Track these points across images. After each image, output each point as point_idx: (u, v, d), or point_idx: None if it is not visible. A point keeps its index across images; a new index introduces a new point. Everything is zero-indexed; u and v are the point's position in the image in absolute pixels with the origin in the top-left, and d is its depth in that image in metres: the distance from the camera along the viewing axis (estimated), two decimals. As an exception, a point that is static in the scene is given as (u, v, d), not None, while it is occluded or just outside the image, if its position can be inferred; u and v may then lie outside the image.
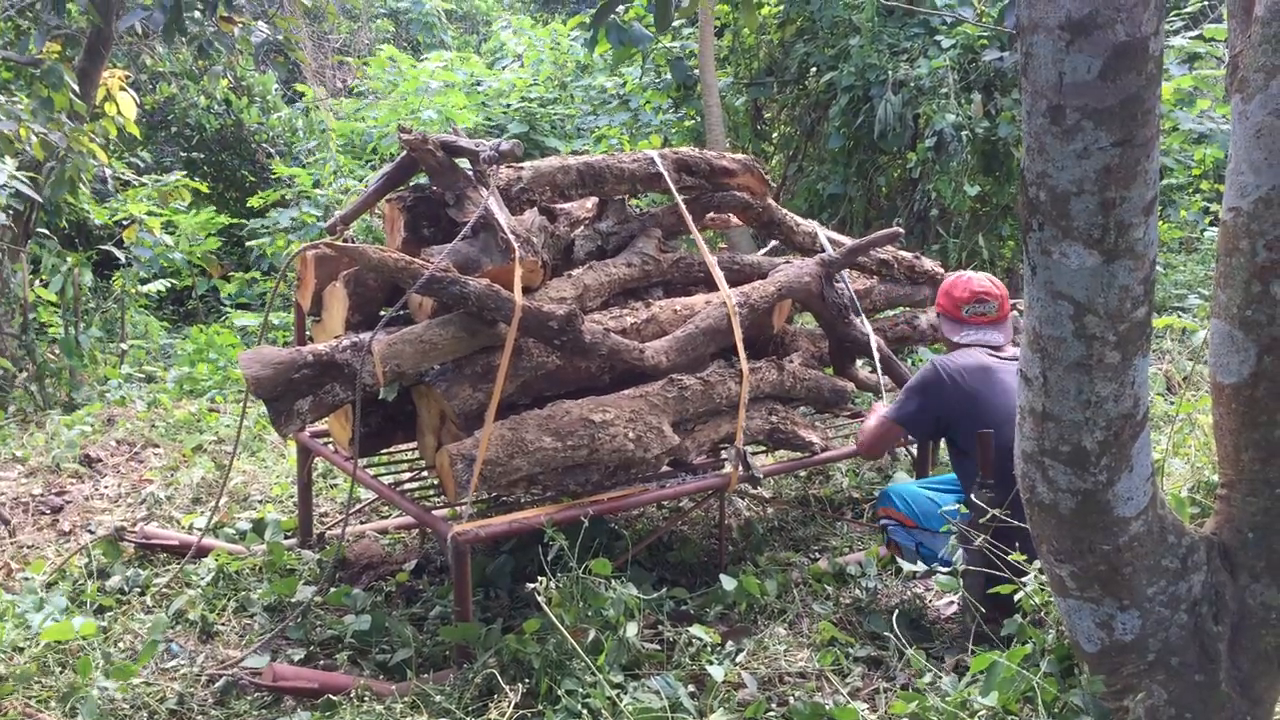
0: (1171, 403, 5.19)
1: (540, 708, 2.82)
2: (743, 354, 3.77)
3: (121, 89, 7.46)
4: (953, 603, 3.50)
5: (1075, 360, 2.11)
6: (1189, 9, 9.85)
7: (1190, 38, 9.21)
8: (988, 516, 3.02)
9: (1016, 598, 2.92)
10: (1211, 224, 9.49)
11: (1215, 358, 2.30)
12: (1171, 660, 2.32)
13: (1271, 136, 2.13)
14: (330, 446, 4.01)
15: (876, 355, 4.31)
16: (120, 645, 3.33)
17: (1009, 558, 2.92)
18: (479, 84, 12.19)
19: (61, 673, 3.03)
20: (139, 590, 3.73)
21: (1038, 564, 2.79)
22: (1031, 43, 1.94)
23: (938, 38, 8.61)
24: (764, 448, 4.20)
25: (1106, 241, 2.00)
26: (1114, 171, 1.95)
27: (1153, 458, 2.30)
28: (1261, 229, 2.16)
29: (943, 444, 4.17)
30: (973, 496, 3.16)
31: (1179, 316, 7.04)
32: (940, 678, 2.96)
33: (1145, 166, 1.97)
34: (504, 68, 13.39)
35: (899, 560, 3.68)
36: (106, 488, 5.00)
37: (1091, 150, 1.94)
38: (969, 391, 3.53)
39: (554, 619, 2.90)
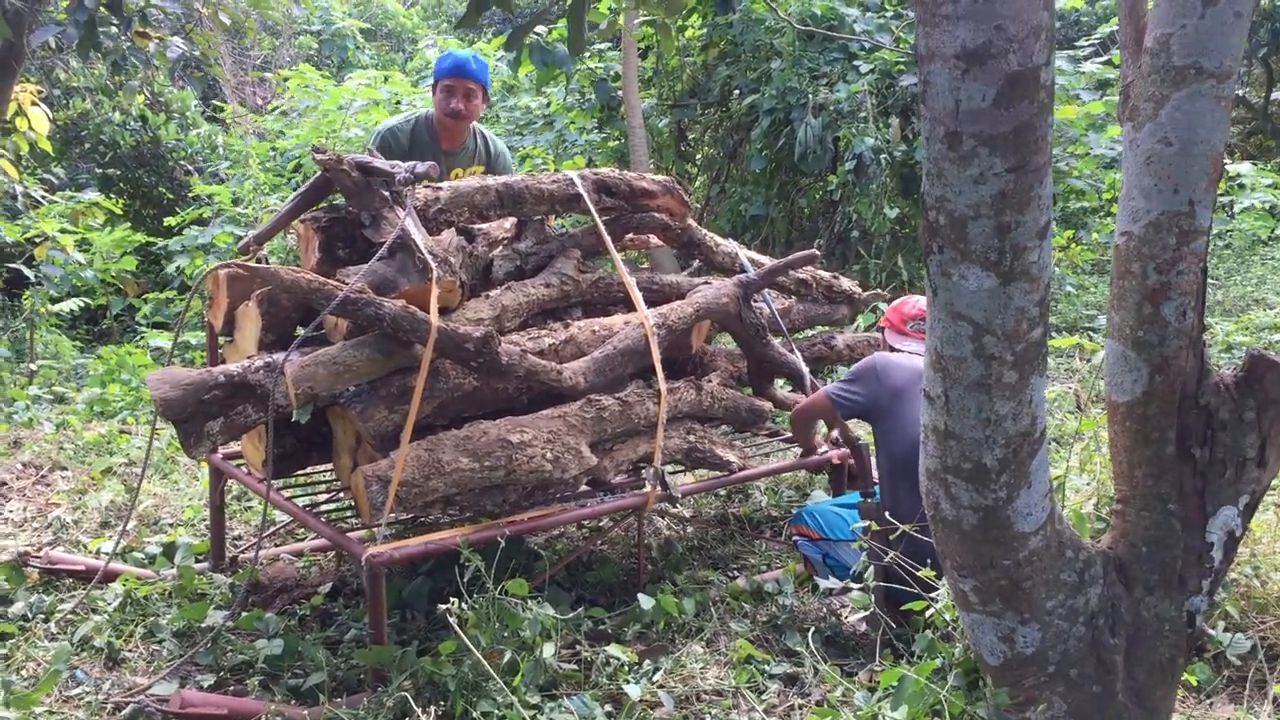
0: (1080, 420, 5.32)
1: (455, 730, 2.81)
2: (660, 374, 3.80)
3: (34, 104, 7.30)
4: (863, 618, 3.56)
5: (975, 380, 2.17)
6: (1098, 37, 10.16)
7: (1100, 63, 9.50)
8: (900, 531, 3.10)
9: (928, 613, 2.99)
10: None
11: (1110, 377, 2.38)
12: (1070, 672, 2.38)
13: (1161, 163, 2.21)
14: (243, 468, 3.95)
15: (808, 380, 4.39)
16: (23, 673, 3.23)
17: (918, 573, 2.99)
18: (401, 102, 12.13)
19: (-41, 703, 2.94)
20: (43, 617, 3.62)
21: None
22: (929, 71, 1.99)
23: (856, 63, 8.79)
24: (682, 467, 4.22)
25: (1003, 264, 2.06)
26: (1009, 196, 2.01)
27: (1050, 474, 2.36)
28: (1152, 253, 2.24)
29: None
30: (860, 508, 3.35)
31: (1089, 337, 7.24)
32: (853, 693, 3.00)
33: (1039, 192, 2.04)
34: (428, 87, 13.33)
35: (815, 577, 3.74)
36: (11, 512, 4.86)
37: (987, 176, 2.00)
38: (897, 387, 3.69)
39: (469, 641, 2.88)
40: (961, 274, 2.10)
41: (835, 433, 4.28)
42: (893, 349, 3.99)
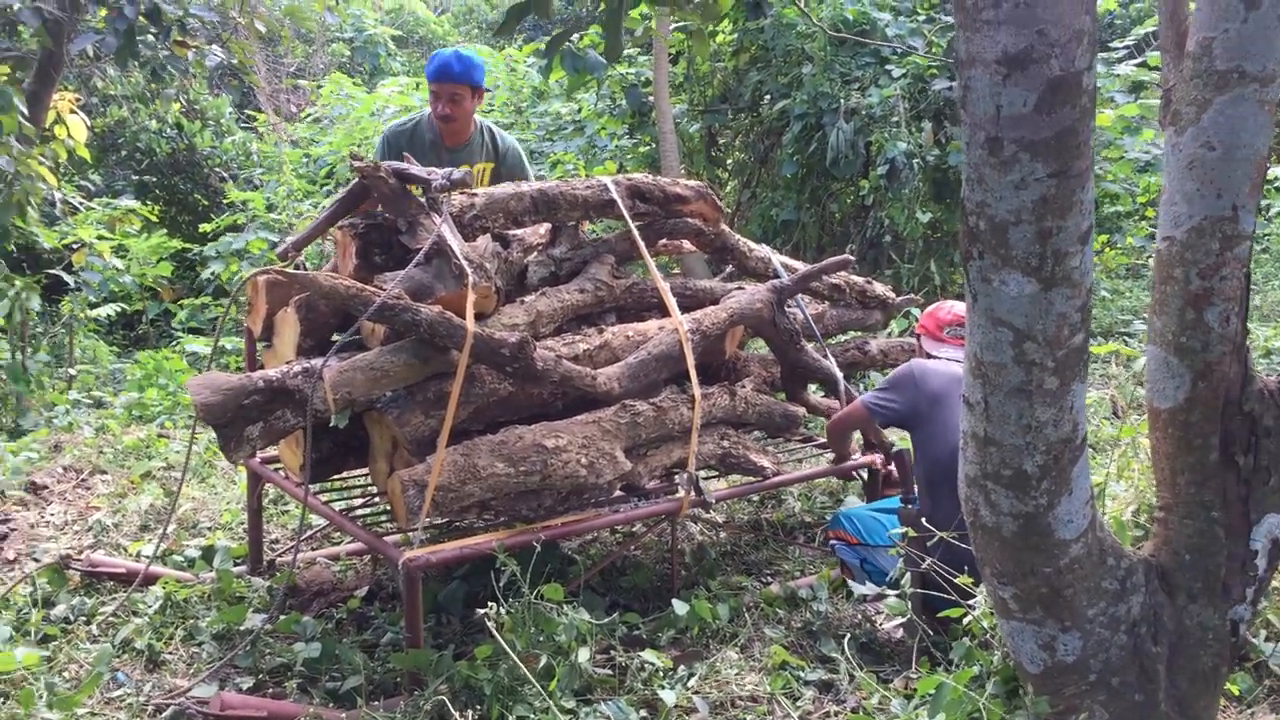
0: (1117, 428, 5.28)
1: (491, 734, 2.82)
2: (695, 380, 3.80)
3: (72, 111, 7.38)
4: (899, 625, 3.54)
5: (1015, 386, 2.16)
6: (1132, 39, 10.07)
7: (1136, 64, 9.41)
8: (936, 537, 3.09)
9: (965, 620, 2.97)
10: (1157, 250, 9.66)
11: (1152, 383, 2.36)
12: (1112, 680, 2.36)
13: (1203, 168, 2.19)
14: (281, 472, 3.99)
15: (842, 386, 4.38)
16: (65, 675, 3.27)
17: (956, 580, 2.97)
18: (431, 109, 12.19)
19: (3, 704, 2.98)
20: (85, 619, 3.67)
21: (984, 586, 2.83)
22: (970, 76, 1.99)
23: (888, 67, 8.76)
24: (716, 472, 4.22)
25: (1044, 270, 2.05)
26: (1050, 202, 2.00)
27: (1091, 481, 2.35)
28: (1195, 258, 2.23)
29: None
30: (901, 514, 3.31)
31: (1125, 342, 7.18)
32: (889, 700, 2.99)
33: (1080, 197, 2.03)
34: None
35: (849, 583, 3.72)
36: (52, 515, 4.92)
37: (1028, 181, 1.99)
38: (935, 394, 3.66)
39: (505, 645, 2.90)
40: (1002, 279, 2.09)
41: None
42: (929, 356, 3.97)
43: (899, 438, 4.47)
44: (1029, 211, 2.01)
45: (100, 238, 8.00)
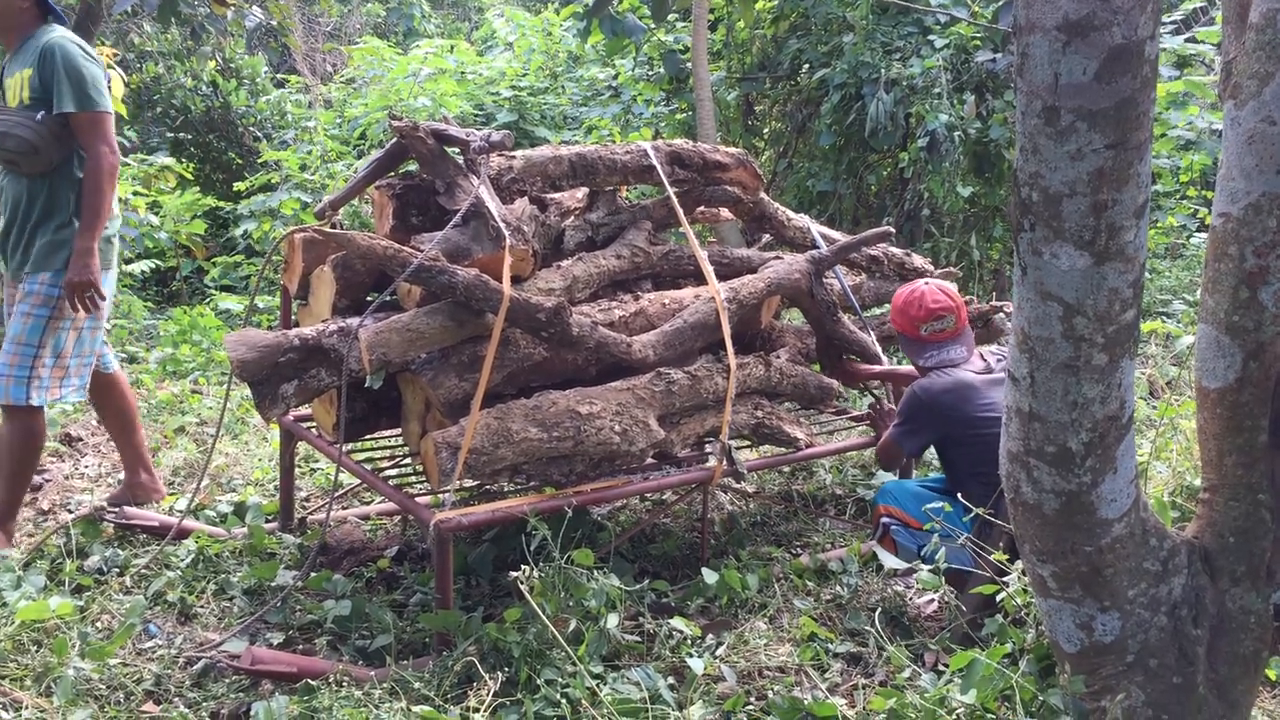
0: (1154, 407, 5.22)
1: (519, 696, 2.81)
2: (730, 349, 3.77)
3: (109, 67, 7.37)
4: (933, 600, 3.52)
5: (1063, 361, 2.12)
6: (1179, 14, 9.87)
7: (1185, 39, 9.21)
8: (971, 515, 3.06)
9: (999, 597, 2.94)
10: (1199, 230, 9.54)
11: (1201, 362, 2.31)
12: (1150, 662, 2.33)
13: (1263, 143, 2.14)
14: (314, 431, 4.00)
15: (883, 360, 4.32)
16: (98, 625, 3.30)
17: (992, 557, 2.94)
18: (464, 72, 12.13)
19: (37, 652, 3.01)
20: (118, 571, 3.70)
21: (1020, 564, 2.80)
22: (1028, 43, 1.94)
23: (931, 37, 8.61)
24: (749, 442, 4.20)
25: (1097, 243, 2.01)
26: (1106, 174, 1.95)
27: (1136, 460, 2.31)
28: (1251, 235, 2.17)
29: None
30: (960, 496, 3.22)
31: (1164, 321, 7.08)
32: (920, 674, 2.97)
33: (1138, 169, 1.98)
34: (494, 56, 13.35)
35: (879, 556, 3.69)
36: (87, 467, 4.97)
37: (1085, 152, 1.94)
38: (948, 410, 3.60)
39: (535, 608, 2.89)
40: (1053, 253, 2.04)
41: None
42: (919, 366, 3.83)
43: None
44: (1084, 183, 1.97)
45: (136, 194, 8.03)
